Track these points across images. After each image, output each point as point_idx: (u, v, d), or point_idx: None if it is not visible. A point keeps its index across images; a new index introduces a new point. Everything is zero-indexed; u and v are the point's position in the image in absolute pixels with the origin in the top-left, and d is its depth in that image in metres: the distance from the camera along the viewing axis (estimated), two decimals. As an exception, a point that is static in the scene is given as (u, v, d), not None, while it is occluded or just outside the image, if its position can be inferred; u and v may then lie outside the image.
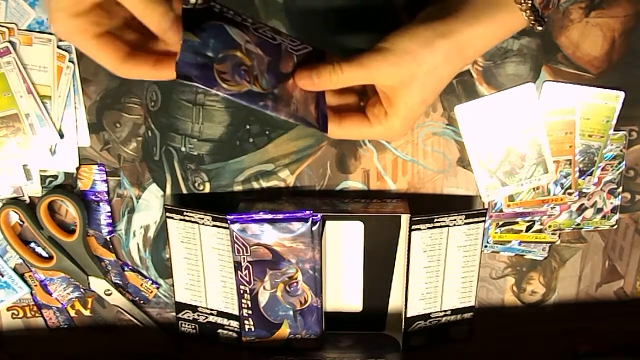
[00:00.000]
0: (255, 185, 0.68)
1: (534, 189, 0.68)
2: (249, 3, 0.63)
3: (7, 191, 0.68)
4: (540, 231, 0.70)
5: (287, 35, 0.54)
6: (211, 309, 0.69)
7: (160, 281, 0.72)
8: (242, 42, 0.51)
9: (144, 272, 0.72)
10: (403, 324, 0.67)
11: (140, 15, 0.47)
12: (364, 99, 0.57)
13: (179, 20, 0.48)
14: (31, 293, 0.72)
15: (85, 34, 0.48)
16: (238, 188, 0.69)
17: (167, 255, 0.70)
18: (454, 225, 0.65)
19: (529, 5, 0.50)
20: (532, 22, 0.51)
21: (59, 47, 0.63)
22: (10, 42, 0.63)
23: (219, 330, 0.70)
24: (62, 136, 0.66)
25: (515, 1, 0.50)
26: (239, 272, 0.65)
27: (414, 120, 0.55)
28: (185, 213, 0.66)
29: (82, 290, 0.72)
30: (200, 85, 0.48)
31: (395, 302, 0.69)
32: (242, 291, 0.66)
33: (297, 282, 0.65)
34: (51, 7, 0.47)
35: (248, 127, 0.67)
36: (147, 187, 0.69)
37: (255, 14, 0.63)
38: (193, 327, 0.71)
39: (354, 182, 0.68)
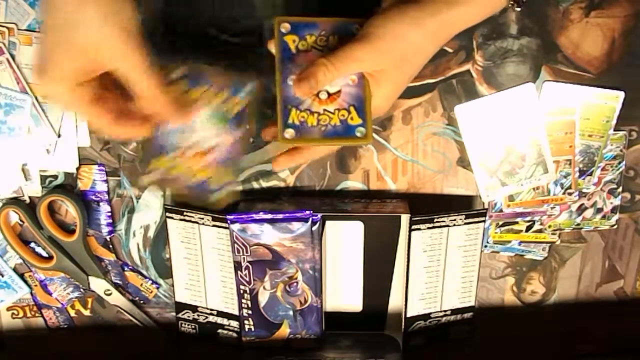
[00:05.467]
0: (255, 185, 0.68)
1: (534, 189, 0.68)
2: (248, 3, 0.63)
3: (7, 191, 0.68)
4: (540, 231, 0.70)
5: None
6: (211, 309, 0.69)
7: (160, 281, 0.72)
8: None
9: (144, 272, 0.72)
10: (403, 324, 0.67)
11: (135, 90, 0.50)
12: None
13: (166, 105, 0.51)
14: (31, 293, 0.72)
15: (83, 100, 0.49)
16: (238, 188, 0.69)
17: (167, 255, 0.70)
18: (454, 225, 0.65)
19: None
20: (511, 2, 0.53)
21: (59, 47, 0.63)
22: (3, 43, 0.63)
23: (219, 330, 0.70)
24: (59, 135, 0.66)
25: None
26: (239, 272, 0.65)
27: (397, 97, 0.56)
28: (185, 213, 0.66)
29: (82, 290, 0.72)
30: None
31: (395, 302, 0.69)
32: (242, 291, 0.66)
33: (297, 282, 0.65)
34: (52, 75, 0.48)
35: (248, 127, 0.66)
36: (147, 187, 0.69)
37: (254, 13, 0.63)
38: (193, 327, 0.71)
39: (354, 182, 0.68)
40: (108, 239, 0.70)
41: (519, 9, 0.54)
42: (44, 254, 0.71)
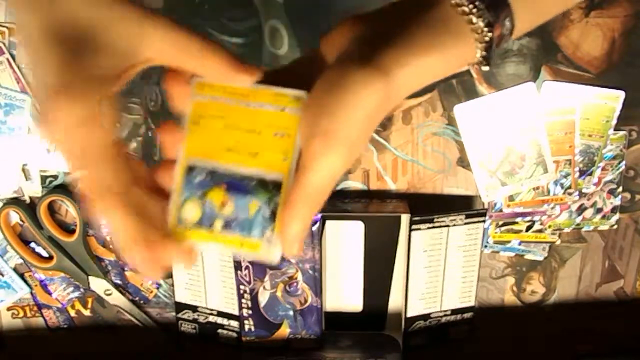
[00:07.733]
0: (255, 185, 0.68)
1: (534, 189, 0.68)
2: (248, 3, 0.63)
3: (7, 191, 0.68)
4: (540, 231, 0.70)
5: None
6: (211, 309, 0.69)
7: (160, 281, 0.72)
8: None
9: (144, 272, 0.72)
10: (403, 324, 0.67)
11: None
12: None
13: None
14: (31, 293, 0.72)
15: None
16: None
17: (167, 255, 0.70)
18: (454, 225, 0.65)
19: (488, 38, 0.38)
20: (482, 57, 0.39)
21: (59, 47, 0.63)
22: (3, 43, 0.63)
23: (219, 330, 0.70)
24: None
25: (473, 29, 0.37)
26: (239, 272, 0.65)
27: None
28: (185, 213, 0.65)
29: (82, 290, 0.72)
30: None
31: (395, 302, 0.69)
32: (242, 291, 0.66)
33: (297, 282, 0.65)
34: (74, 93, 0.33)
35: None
36: (147, 187, 0.69)
37: (254, 13, 0.63)
38: (193, 327, 0.71)
39: (354, 182, 0.68)
40: (108, 239, 0.70)
41: (486, 69, 0.40)
42: (44, 254, 0.71)
